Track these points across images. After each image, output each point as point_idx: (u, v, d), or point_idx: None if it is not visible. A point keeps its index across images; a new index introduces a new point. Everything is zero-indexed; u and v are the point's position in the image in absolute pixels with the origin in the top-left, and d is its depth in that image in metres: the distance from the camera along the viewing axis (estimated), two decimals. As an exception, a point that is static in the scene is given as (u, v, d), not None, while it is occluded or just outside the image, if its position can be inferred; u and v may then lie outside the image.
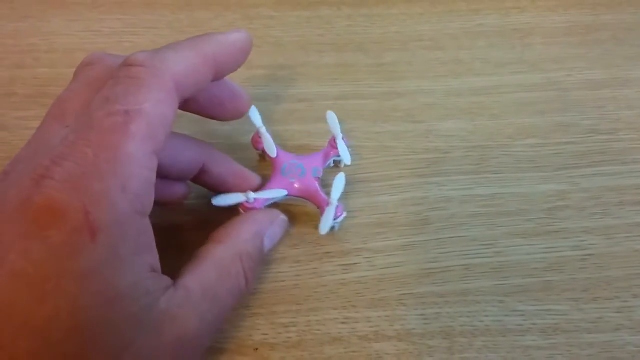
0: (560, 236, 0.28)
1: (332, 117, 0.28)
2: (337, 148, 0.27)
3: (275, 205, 0.27)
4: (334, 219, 0.26)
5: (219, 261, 0.22)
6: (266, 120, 0.31)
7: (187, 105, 0.24)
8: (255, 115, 0.28)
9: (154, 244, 0.19)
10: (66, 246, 0.17)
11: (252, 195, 0.25)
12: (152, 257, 0.19)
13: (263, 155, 0.28)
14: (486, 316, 0.25)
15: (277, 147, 0.28)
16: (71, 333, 0.17)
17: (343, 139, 0.28)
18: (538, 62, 0.35)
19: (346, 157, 0.27)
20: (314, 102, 0.33)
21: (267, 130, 0.28)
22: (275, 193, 0.26)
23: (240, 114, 0.26)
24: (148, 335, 0.18)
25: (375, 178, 0.27)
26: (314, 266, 0.26)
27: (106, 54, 0.22)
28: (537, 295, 0.26)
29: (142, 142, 0.18)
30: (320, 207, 0.26)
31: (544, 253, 0.27)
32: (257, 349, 0.24)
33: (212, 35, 0.22)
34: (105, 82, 0.20)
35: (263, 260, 0.25)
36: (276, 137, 0.31)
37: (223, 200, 0.25)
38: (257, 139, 0.28)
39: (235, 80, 0.33)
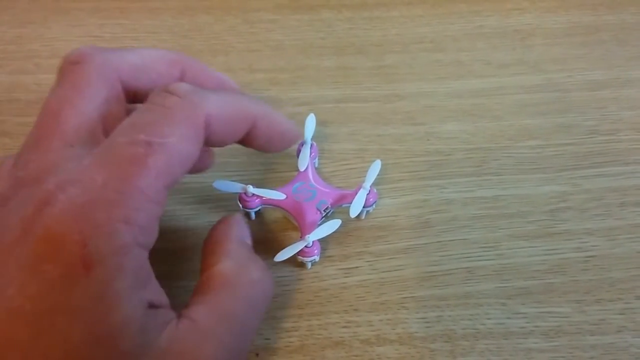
0: (562, 238, 0.28)
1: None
2: (365, 192, 0.27)
3: (272, 212, 0.27)
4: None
5: (225, 279, 0.21)
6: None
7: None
8: (310, 126, 0.29)
9: (153, 278, 0.19)
10: (61, 281, 0.16)
11: (251, 189, 0.26)
12: (151, 291, 0.18)
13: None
14: (488, 319, 0.25)
15: (310, 167, 0.28)
16: None
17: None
18: (539, 63, 0.35)
19: (354, 209, 0.26)
20: (314, 105, 0.33)
21: (313, 146, 0.29)
22: (273, 194, 0.26)
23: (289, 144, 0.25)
24: None
25: (377, 181, 0.27)
26: (315, 270, 0.26)
27: (95, 49, 0.21)
28: (539, 297, 0.26)
29: (156, 177, 0.18)
30: (301, 234, 0.26)
31: (545, 255, 0.27)
32: (258, 354, 0.24)
33: (264, 103, 0.22)
34: (96, 86, 0.19)
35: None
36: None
37: (223, 186, 0.26)
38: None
39: (237, 84, 0.33)
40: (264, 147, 0.24)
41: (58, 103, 0.20)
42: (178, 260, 0.26)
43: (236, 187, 0.26)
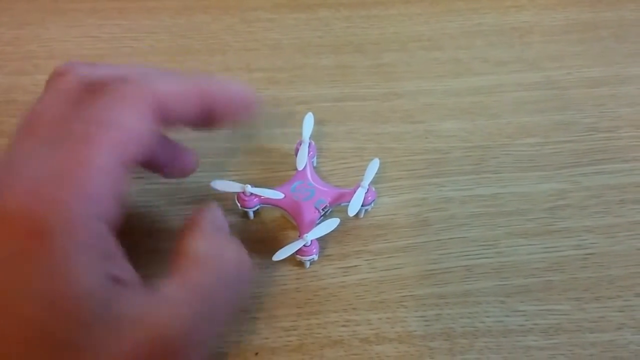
0: (561, 235, 0.28)
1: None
2: (363, 191, 0.27)
3: (271, 211, 0.27)
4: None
5: (198, 255, 0.21)
6: (265, 123, 0.31)
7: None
8: (308, 125, 0.28)
9: (120, 256, 0.19)
10: (13, 258, 0.17)
11: (249, 189, 0.26)
12: (116, 267, 0.18)
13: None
14: (487, 317, 0.25)
15: (309, 166, 0.28)
16: (19, 341, 0.16)
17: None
18: (537, 61, 0.35)
19: (352, 208, 0.26)
20: (312, 104, 0.33)
21: (311, 145, 0.28)
22: (271, 193, 0.26)
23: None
24: (105, 343, 0.17)
25: (375, 179, 0.27)
26: (313, 269, 0.26)
27: (78, 63, 0.22)
28: (539, 295, 0.26)
29: (109, 152, 0.18)
30: (300, 233, 0.26)
31: (545, 253, 0.27)
32: (257, 353, 0.24)
33: (218, 78, 0.22)
34: (78, 92, 0.20)
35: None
36: (275, 140, 0.31)
37: (221, 186, 0.26)
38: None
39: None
40: (226, 122, 0.23)
41: (38, 105, 0.21)
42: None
43: (235, 186, 0.26)
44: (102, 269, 0.18)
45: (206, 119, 0.22)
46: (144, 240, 0.27)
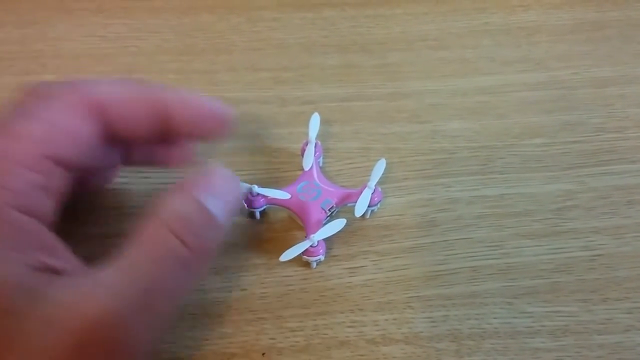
0: (569, 236, 0.28)
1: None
2: (370, 191, 0.26)
3: (277, 211, 0.27)
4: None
5: (138, 237, 0.19)
6: (271, 123, 0.31)
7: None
8: (314, 125, 0.28)
9: (52, 242, 0.19)
10: None
11: (256, 189, 0.26)
12: (47, 256, 0.18)
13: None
14: (494, 318, 0.25)
15: (315, 166, 0.28)
16: None
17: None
18: (544, 60, 0.35)
19: (359, 208, 0.26)
20: (318, 104, 0.32)
21: (317, 145, 0.28)
22: (277, 193, 0.26)
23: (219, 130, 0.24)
24: (35, 333, 0.17)
25: (381, 180, 0.27)
26: (320, 269, 0.26)
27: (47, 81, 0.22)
28: (546, 296, 0.26)
29: (30, 144, 0.18)
30: (306, 234, 0.26)
31: (552, 254, 0.27)
32: (264, 354, 0.24)
33: (177, 88, 0.22)
34: (23, 97, 0.20)
35: (218, 222, 0.21)
36: (281, 140, 0.31)
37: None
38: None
39: (239, 83, 0.33)
40: (194, 133, 0.22)
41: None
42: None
43: (241, 187, 0.26)
44: (23, 258, 0.18)
45: (163, 130, 0.22)
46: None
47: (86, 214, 0.27)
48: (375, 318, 0.25)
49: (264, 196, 0.26)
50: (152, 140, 0.23)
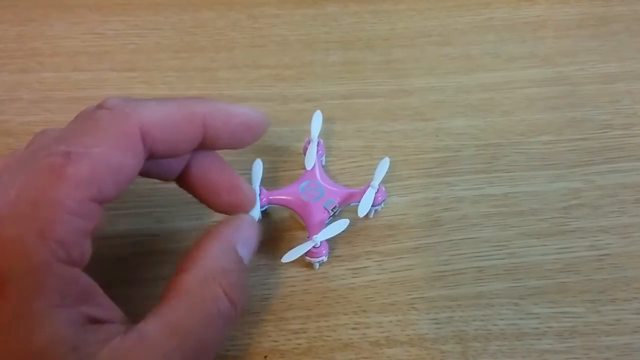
0: (575, 236, 0.27)
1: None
2: (373, 191, 0.26)
3: (279, 211, 0.27)
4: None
5: (187, 291, 0.19)
6: (273, 121, 0.31)
7: (181, 182, 0.23)
8: (316, 123, 0.28)
9: (96, 293, 0.18)
10: None
11: (257, 185, 0.26)
12: (91, 307, 0.17)
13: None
14: (500, 319, 0.25)
15: (318, 165, 0.27)
16: None
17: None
18: (550, 56, 0.34)
19: (362, 208, 0.26)
20: (320, 101, 0.32)
21: (320, 143, 0.28)
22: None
23: (234, 211, 0.23)
24: None
25: (385, 179, 0.26)
26: (323, 270, 0.26)
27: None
28: (553, 297, 0.25)
29: (77, 188, 0.17)
30: (309, 234, 0.25)
31: (558, 253, 0.26)
32: (266, 356, 0.24)
33: (212, 99, 0.21)
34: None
35: (246, 271, 0.22)
36: (283, 138, 0.30)
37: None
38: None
39: (240, 81, 0.33)
40: (231, 144, 0.22)
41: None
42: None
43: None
44: (71, 313, 0.16)
45: (203, 143, 0.21)
46: (150, 241, 0.27)
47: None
48: (379, 320, 0.25)
49: (266, 195, 0.26)
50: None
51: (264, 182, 0.26)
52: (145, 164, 0.20)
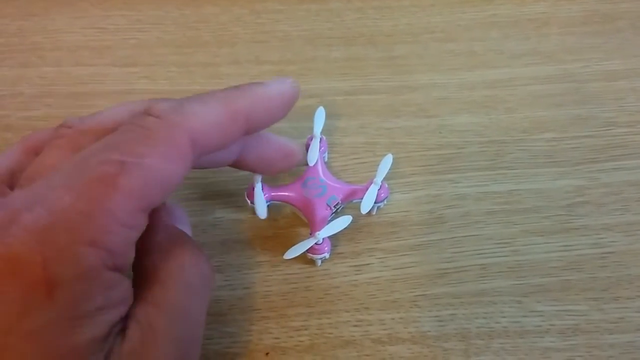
0: (579, 233, 0.27)
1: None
2: (376, 188, 0.26)
3: (281, 208, 0.27)
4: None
5: (155, 272, 0.20)
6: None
7: (236, 165, 0.23)
8: (319, 119, 0.28)
9: (127, 295, 0.18)
10: (20, 302, 0.15)
11: (259, 181, 0.26)
12: (124, 309, 0.18)
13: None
14: (503, 317, 0.24)
15: (320, 162, 0.27)
16: None
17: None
18: (554, 53, 0.34)
19: (365, 205, 0.26)
20: (323, 97, 0.32)
21: (322, 140, 0.28)
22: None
23: (291, 168, 0.25)
24: None
25: (388, 175, 0.26)
26: (325, 267, 0.26)
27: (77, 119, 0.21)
28: (556, 295, 0.25)
29: (128, 199, 0.17)
30: (311, 231, 0.25)
31: (562, 251, 0.26)
32: (268, 353, 0.23)
33: (250, 87, 0.20)
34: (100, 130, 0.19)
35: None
36: (285, 134, 0.30)
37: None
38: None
39: (243, 77, 0.33)
40: (268, 126, 0.22)
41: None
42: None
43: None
44: (108, 317, 0.17)
45: (247, 132, 0.21)
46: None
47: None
48: (382, 317, 0.24)
49: (268, 192, 0.26)
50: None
51: (265, 179, 0.26)
52: (199, 162, 0.21)
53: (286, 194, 0.26)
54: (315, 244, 0.24)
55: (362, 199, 0.25)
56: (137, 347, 0.17)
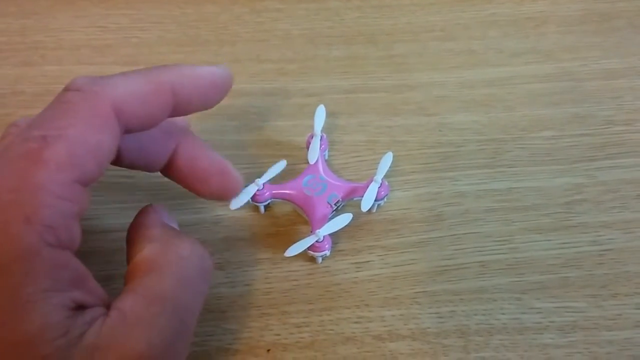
0: (578, 231, 0.27)
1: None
2: (376, 185, 0.26)
3: (282, 205, 0.27)
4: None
5: (150, 263, 0.19)
6: (275, 115, 0.31)
7: (168, 172, 0.23)
8: (319, 117, 0.28)
9: (84, 274, 0.18)
10: None
11: (260, 181, 0.26)
12: (81, 292, 0.17)
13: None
14: (502, 314, 0.25)
15: (321, 160, 0.27)
16: None
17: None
18: (552, 52, 0.34)
19: (365, 203, 0.25)
20: (323, 96, 0.32)
21: (323, 138, 0.28)
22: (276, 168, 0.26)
23: (225, 196, 0.23)
24: None
25: (388, 173, 0.26)
26: (325, 264, 0.26)
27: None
28: (555, 292, 0.25)
29: (57, 171, 0.16)
30: (312, 228, 0.25)
31: (561, 248, 0.27)
32: (269, 350, 0.24)
33: (177, 64, 0.20)
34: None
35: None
36: (287, 132, 0.30)
37: (239, 202, 0.24)
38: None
39: (243, 75, 0.33)
40: (201, 107, 0.22)
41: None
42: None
43: (250, 190, 0.25)
44: (61, 298, 0.16)
45: (174, 110, 0.20)
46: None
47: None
48: (382, 314, 0.25)
49: (269, 190, 0.26)
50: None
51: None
52: (129, 155, 0.21)
53: (287, 191, 0.26)
54: (316, 241, 0.24)
55: (362, 196, 0.26)
56: (107, 332, 0.17)
